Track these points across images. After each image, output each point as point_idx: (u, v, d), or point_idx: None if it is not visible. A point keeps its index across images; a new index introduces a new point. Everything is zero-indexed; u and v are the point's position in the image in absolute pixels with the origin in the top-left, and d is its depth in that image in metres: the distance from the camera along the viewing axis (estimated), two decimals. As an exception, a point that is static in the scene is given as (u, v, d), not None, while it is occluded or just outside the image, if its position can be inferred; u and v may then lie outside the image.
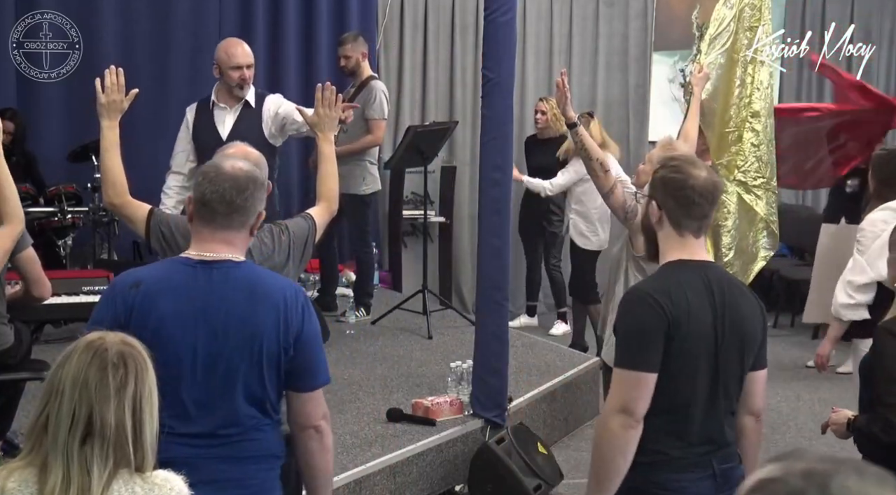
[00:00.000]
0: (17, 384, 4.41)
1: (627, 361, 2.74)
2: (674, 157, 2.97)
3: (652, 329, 2.71)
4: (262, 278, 2.77)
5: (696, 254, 2.84)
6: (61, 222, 7.01)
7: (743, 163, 5.64)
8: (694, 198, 2.79)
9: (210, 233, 2.71)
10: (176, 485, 2.02)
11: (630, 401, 2.72)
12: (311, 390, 2.78)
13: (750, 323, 2.82)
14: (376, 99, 6.83)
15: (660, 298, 2.72)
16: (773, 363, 7.70)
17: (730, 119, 5.62)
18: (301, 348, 2.71)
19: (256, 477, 2.73)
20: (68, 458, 1.92)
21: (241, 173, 2.73)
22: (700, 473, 2.79)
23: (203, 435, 2.65)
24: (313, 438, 2.80)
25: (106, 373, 1.95)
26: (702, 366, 2.75)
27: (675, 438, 2.77)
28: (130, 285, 2.65)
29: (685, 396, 2.76)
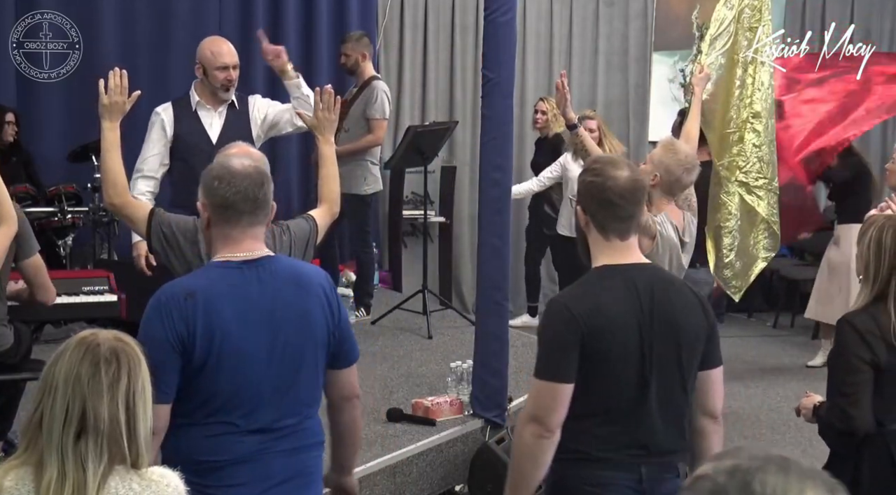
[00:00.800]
0: (17, 384, 4.41)
1: (541, 372, 2.76)
2: (596, 160, 2.94)
3: (565, 341, 2.71)
4: (301, 268, 2.86)
5: (624, 257, 2.80)
6: (61, 222, 7.01)
7: (744, 164, 5.64)
8: (614, 200, 2.76)
9: (240, 232, 2.73)
10: (172, 481, 2.03)
11: (542, 411, 2.72)
12: (351, 364, 2.93)
13: (687, 322, 2.77)
14: (378, 99, 6.83)
15: (575, 309, 2.71)
16: (773, 363, 7.77)
17: (731, 120, 5.62)
18: (343, 328, 2.84)
19: (311, 465, 2.82)
20: (63, 455, 1.93)
21: (252, 169, 2.76)
22: (626, 475, 2.75)
23: (267, 429, 2.70)
24: (357, 406, 2.98)
25: (98, 369, 1.96)
26: (626, 371, 2.72)
27: (599, 441, 2.75)
28: (184, 297, 2.64)
29: (608, 401, 2.74)
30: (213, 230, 2.77)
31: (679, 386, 2.78)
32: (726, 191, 5.68)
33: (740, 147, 5.63)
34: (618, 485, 2.75)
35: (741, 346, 8.07)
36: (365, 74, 6.99)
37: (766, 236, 5.78)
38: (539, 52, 9.35)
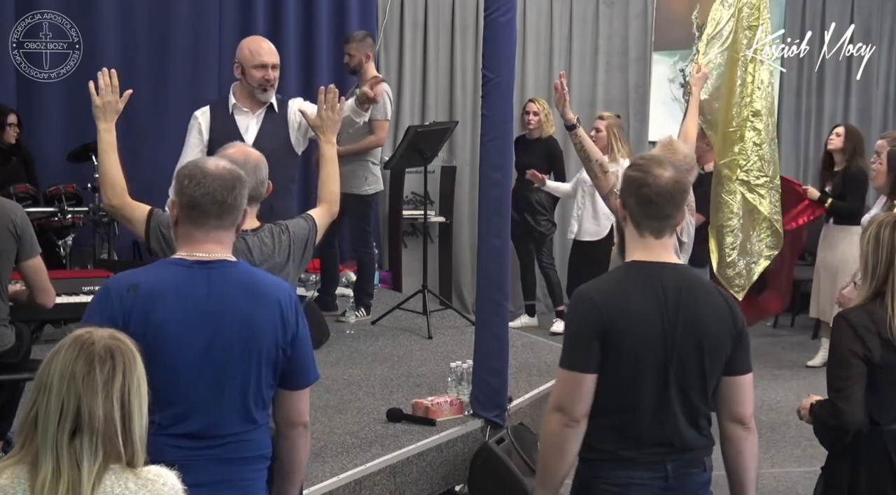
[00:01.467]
0: (17, 384, 4.41)
1: (565, 361, 2.77)
2: (643, 156, 2.96)
3: (587, 330, 2.72)
4: (259, 278, 2.78)
5: (657, 255, 2.81)
6: (61, 222, 7.01)
7: (745, 163, 5.64)
8: (651, 198, 2.77)
9: (203, 234, 2.70)
10: (168, 480, 2.03)
11: (566, 401, 2.74)
12: (304, 387, 2.80)
13: (711, 326, 2.76)
14: (380, 99, 6.83)
15: (598, 299, 2.73)
16: (773, 363, 7.76)
17: (731, 118, 5.62)
18: (297, 347, 2.73)
19: (248, 478, 2.73)
20: (58, 453, 1.93)
21: (226, 172, 2.72)
22: (651, 474, 2.76)
23: (199, 435, 2.64)
24: (302, 435, 2.84)
25: (93, 367, 1.96)
26: (647, 368, 2.73)
27: (622, 437, 2.76)
28: (127, 288, 2.62)
29: (630, 397, 2.74)
30: (178, 228, 2.74)
31: (699, 389, 2.79)
32: (728, 190, 5.68)
33: (741, 145, 5.63)
34: (644, 485, 2.76)
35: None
36: (367, 75, 6.98)
37: (768, 234, 5.78)
38: (539, 52, 9.35)
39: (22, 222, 4.15)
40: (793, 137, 10.21)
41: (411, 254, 8.58)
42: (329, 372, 5.67)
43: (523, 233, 8.01)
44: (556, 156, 8.11)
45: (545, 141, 8.07)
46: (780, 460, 5.73)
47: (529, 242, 8.18)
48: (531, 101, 8.22)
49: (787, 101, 10.09)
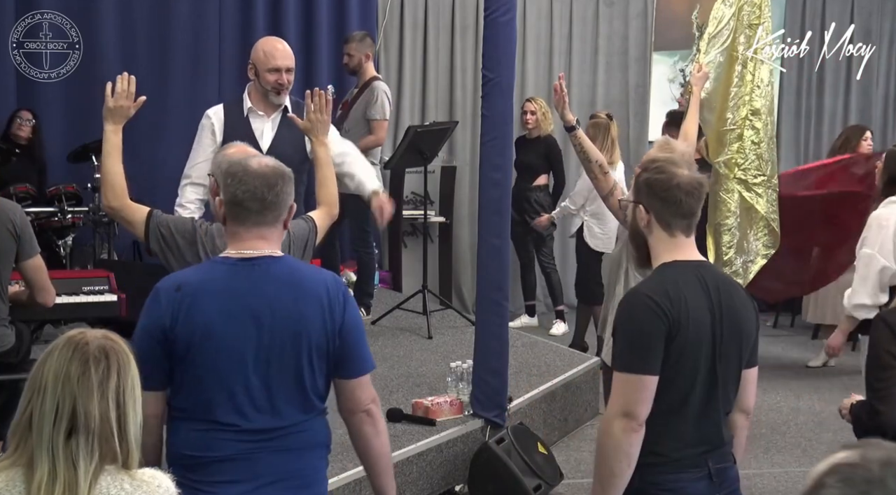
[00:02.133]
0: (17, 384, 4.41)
1: (629, 365, 2.73)
2: (655, 159, 2.96)
3: (653, 332, 2.71)
4: (303, 271, 2.82)
5: (689, 253, 2.83)
6: (61, 222, 7.02)
7: (743, 161, 5.64)
8: (681, 197, 2.78)
9: (245, 230, 2.74)
10: (163, 483, 2.03)
11: (632, 405, 2.71)
12: (359, 376, 2.83)
13: (746, 321, 2.83)
14: (378, 100, 6.83)
15: (660, 300, 2.71)
16: (774, 363, 7.76)
17: (728, 118, 5.62)
18: (346, 337, 2.76)
19: (309, 467, 2.78)
20: (54, 454, 1.93)
21: (268, 169, 2.75)
22: (696, 473, 2.78)
23: (256, 430, 2.68)
24: (365, 422, 2.86)
25: (88, 367, 1.96)
26: (701, 366, 2.75)
27: (672, 439, 2.77)
28: (174, 288, 2.67)
29: (683, 397, 2.76)
30: (227, 227, 2.80)
31: (735, 382, 2.85)
32: (725, 188, 5.68)
33: (739, 144, 5.62)
34: (693, 486, 2.77)
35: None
36: (367, 75, 6.98)
37: (765, 233, 5.78)
38: (539, 52, 9.36)
39: (21, 222, 4.16)
40: (793, 137, 10.22)
41: (411, 254, 8.58)
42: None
43: (523, 233, 8.01)
44: (555, 156, 8.11)
45: (544, 140, 8.08)
46: (780, 460, 5.73)
47: (529, 242, 8.18)
48: (528, 100, 8.22)
49: (787, 101, 10.09)
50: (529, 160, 7.93)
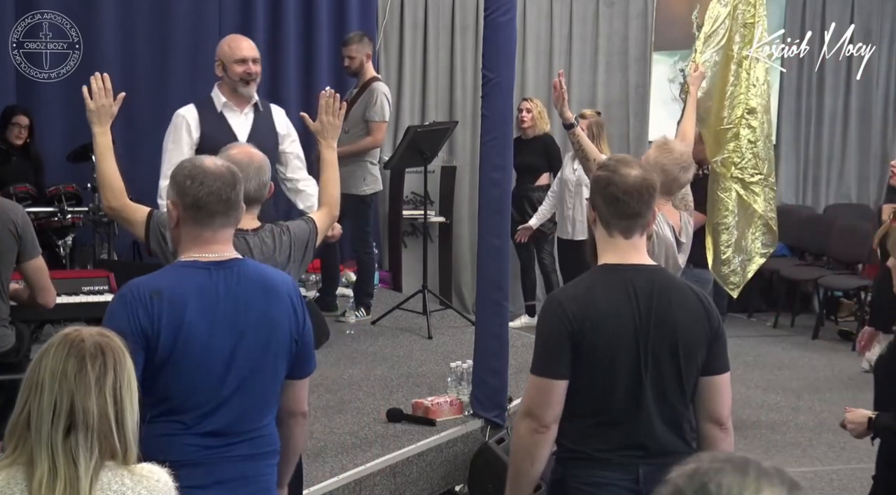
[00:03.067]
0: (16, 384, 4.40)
1: (535, 367, 2.78)
2: (611, 157, 2.96)
3: (557, 336, 2.72)
4: (268, 273, 2.82)
5: (628, 256, 2.79)
6: (61, 222, 7.01)
7: (740, 160, 5.61)
8: (618, 196, 2.76)
9: (211, 233, 2.70)
10: (162, 477, 2.04)
11: (536, 407, 2.75)
12: (306, 376, 2.86)
13: (685, 326, 2.75)
14: (377, 101, 6.83)
15: (567, 305, 2.72)
16: (774, 363, 7.76)
17: (724, 117, 5.59)
18: (305, 338, 2.78)
19: (264, 473, 2.77)
20: (53, 451, 1.93)
21: (226, 170, 2.73)
22: (622, 475, 2.75)
23: (223, 433, 2.67)
24: (300, 423, 2.90)
25: (84, 364, 1.96)
26: (620, 371, 2.72)
27: (597, 440, 2.76)
28: (150, 294, 2.62)
29: (604, 400, 2.74)
30: (182, 229, 2.74)
31: (677, 390, 2.77)
32: (723, 187, 5.67)
33: (735, 143, 5.60)
34: (615, 486, 2.75)
35: (741, 346, 8.07)
36: (367, 75, 6.98)
37: (763, 233, 5.76)
38: (539, 52, 9.35)
39: (23, 223, 4.16)
40: (793, 137, 10.22)
41: (411, 254, 8.58)
42: (329, 373, 5.67)
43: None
44: (553, 154, 8.11)
45: (542, 139, 8.08)
46: (780, 460, 5.73)
47: (529, 242, 8.18)
48: (525, 99, 8.22)
49: (787, 101, 10.09)
50: (529, 160, 7.93)
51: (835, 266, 9.26)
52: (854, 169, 10.40)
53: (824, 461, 5.80)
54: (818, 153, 10.33)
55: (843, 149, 10.38)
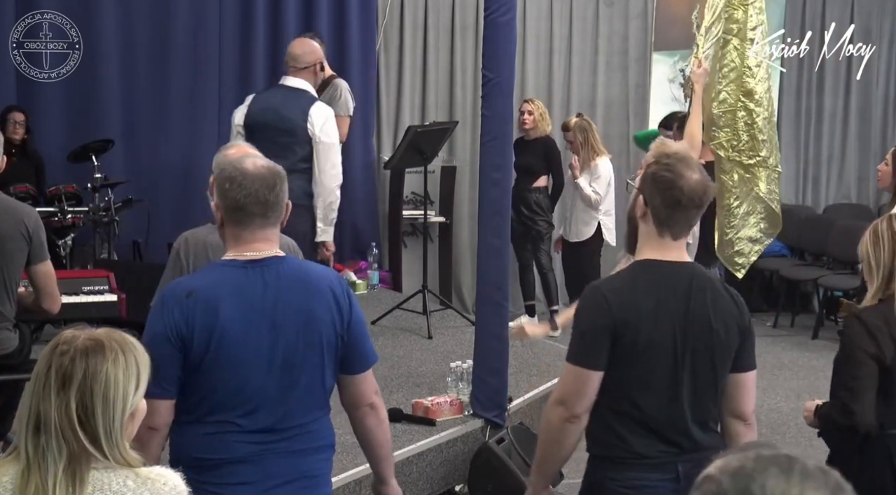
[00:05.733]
0: (17, 384, 4.41)
1: (572, 356, 2.77)
2: (669, 154, 2.90)
3: (597, 327, 2.72)
4: (309, 269, 2.84)
5: (670, 254, 2.80)
6: (61, 222, 7.01)
7: (737, 143, 5.50)
8: (681, 200, 2.74)
9: (250, 234, 2.73)
10: (170, 481, 2.03)
11: (569, 395, 2.75)
12: (364, 371, 2.86)
13: (721, 324, 2.76)
14: (341, 96, 6.79)
15: (611, 297, 2.72)
16: (774, 363, 7.76)
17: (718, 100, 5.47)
18: (353, 333, 2.79)
19: (315, 468, 2.79)
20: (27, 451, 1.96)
21: (265, 171, 2.75)
22: (661, 475, 2.76)
23: (269, 429, 2.69)
24: (369, 415, 2.90)
25: (50, 369, 1.98)
26: (658, 368, 2.73)
27: (634, 437, 2.76)
28: (185, 295, 2.66)
29: (641, 397, 2.74)
30: (225, 230, 2.78)
31: (711, 388, 2.80)
32: (723, 169, 5.58)
33: (733, 126, 5.49)
34: (655, 487, 2.76)
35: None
36: (325, 73, 6.95)
37: (762, 218, 5.67)
38: (539, 52, 9.35)
39: (35, 226, 4.14)
40: (793, 137, 10.22)
41: (411, 254, 8.58)
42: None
43: (521, 234, 8.01)
44: (553, 157, 8.11)
45: (542, 140, 8.08)
46: (780, 460, 5.73)
47: (528, 242, 8.18)
48: (526, 101, 8.21)
49: (787, 101, 10.09)
50: (528, 161, 7.94)
51: (835, 266, 9.26)
52: (854, 169, 10.40)
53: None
54: (818, 153, 10.33)
55: (843, 149, 10.38)
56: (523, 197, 7.91)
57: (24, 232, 4.09)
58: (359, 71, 8.42)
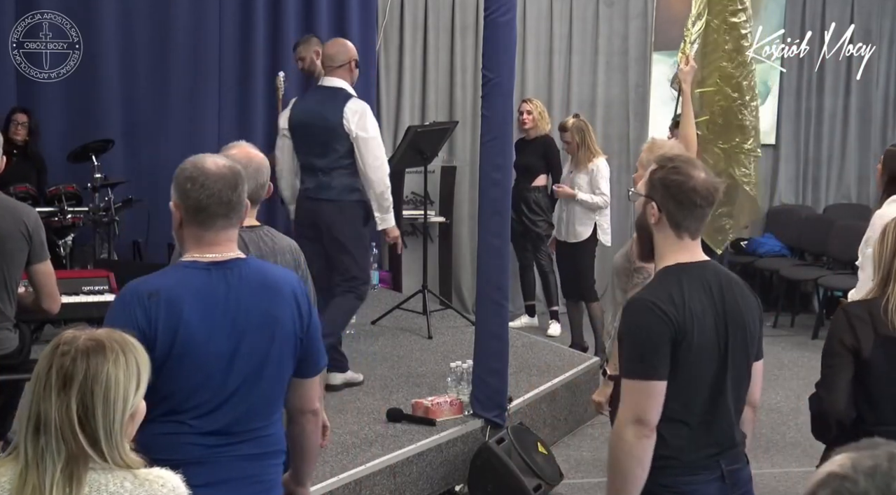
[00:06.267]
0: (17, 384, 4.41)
1: (638, 371, 2.73)
2: (671, 158, 2.92)
3: (659, 337, 2.70)
4: (271, 271, 2.80)
5: (694, 255, 2.83)
6: (61, 222, 7.01)
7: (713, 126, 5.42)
8: (696, 201, 2.76)
9: (213, 235, 2.68)
10: (169, 482, 2.03)
11: (643, 411, 2.71)
12: (315, 375, 2.84)
13: (750, 318, 2.83)
14: None
15: (664, 306, 2.71)
16: (773, 363, 7.75)
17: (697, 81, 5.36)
18: (311, 336, 2.77)
19: (267, 473, 2.76)
20: (26, 451, 1.96)
21: (227, 170, 2.69)
22: (708, 475, 2.78)
23: (225, 432, 2.66)
24: (311, 421, 2.88)
25: (51, 369, 1.97)
26: (708, 369, 2.75)
27: (683, 442, 2.77)
28: (147, 295, 2.61)
29: (692, 401, 2.76)
30: (184, 230, 2.72)
31: (746, 382, 2.86)
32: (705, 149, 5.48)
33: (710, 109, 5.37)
34: (705, 487, 2.77)
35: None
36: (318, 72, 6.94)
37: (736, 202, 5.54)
38: (539, 52, 9.35)
39: (34, 226, 4.14)
40: (793, 137, 10.21)
41: (411, 254, 8.57)
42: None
43: (521, 234, 8.01)
44: (552, 155, 8.11)
45: (541, 140, 8.08)
46: (780, 460, 5.74)
47: (528, 242, 8.18)
48: (525, 101, 8.21)
49: (787, 101, 10.09)
50: (528, 161, 7.94)
51: (835, 266, 9.26)
52: (854, 169, 10.40)
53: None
54: (818, 153, 10.33)
55: (842, 149, 10.37)
56: (523, 197, 7.92)
57: (23, 232, 4.09)
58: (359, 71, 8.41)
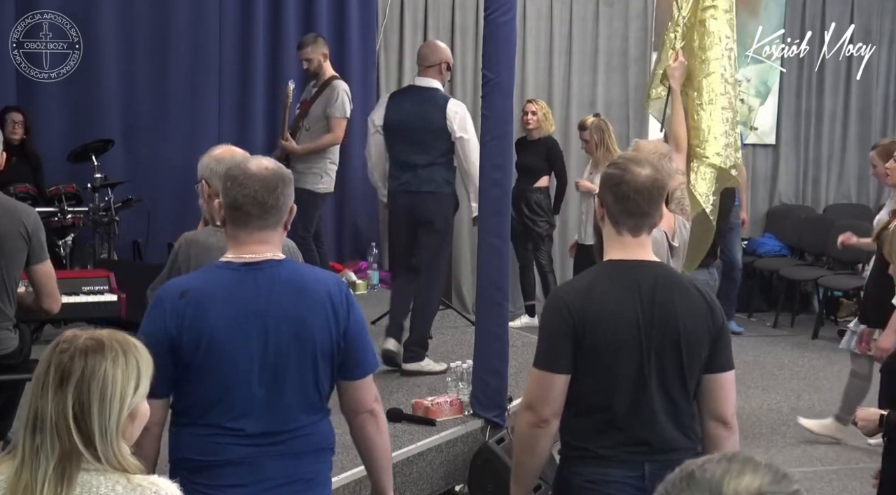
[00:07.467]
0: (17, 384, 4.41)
1: (536, 360, 2.80)
2: (621, 155, 3.01)
3: (559, 331, 2.74)
4: (306, 274, 2.81)
5: (634, 253, 2.81)
6: (61, 222, 7.01)
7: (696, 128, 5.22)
8: (628, 194, 2.76)
9: (247, 235, 2.71)
10: (164, 490, 2.01)
11: (536, 400, 2.77)
12: (363, 377, 2.84)
13: (688, 323, 2.75)
14: (338, 98, 6.80)
15: (570, 300, 2.74)
16: (773, 363, 7.76)
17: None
18: (351, 339, 2.76)
19: (312, 471, 2.78)
20: (23, 449, 1.97)
21: (268, 172, 2.71)
22: (627, 472, 2.76)
23: (261, 434, 2.68)
24: (369, 422, 2.87)
25: (49, 369, 1.98)
26: (623, 367, 2.73)
27: (601, 437, 2.77)
28: (180, 294, 2.65)
29: (606, 396, 2.75)
30: (227, 229, 2.77)
31: (680, 388, 2.78)
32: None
33: None
34: (620, 483, 2.76)
35: (741, 346, 8.06)
36: (326, 74, 6.95)
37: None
38: (539, 52, 9.35)
39: (34, 226, 4.14)
40: (793, 137, 10.22)
41: (411, 254, 8.55)
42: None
43: (521, 234, 8.01)
44: (555, 156, 8.11)
45: (545, 141, 8.09)
46: (780, 461, 5.72)
47: (528, 242, 8.18)
48: (529, 101, 8.23)
49: (787, 101, 10.09)
50: (530, 161, 7.95)
51: (835, 266, 9.26)
52: (854, 169, 10.40)
53: (824, 461, 5.80)
54: (818, 153, 10.33)
55: (842, 150, 10.37)
56: (524, 197, 7.92)
57: (23, 232, 4.09)
58: (359, 71, 8.42)
